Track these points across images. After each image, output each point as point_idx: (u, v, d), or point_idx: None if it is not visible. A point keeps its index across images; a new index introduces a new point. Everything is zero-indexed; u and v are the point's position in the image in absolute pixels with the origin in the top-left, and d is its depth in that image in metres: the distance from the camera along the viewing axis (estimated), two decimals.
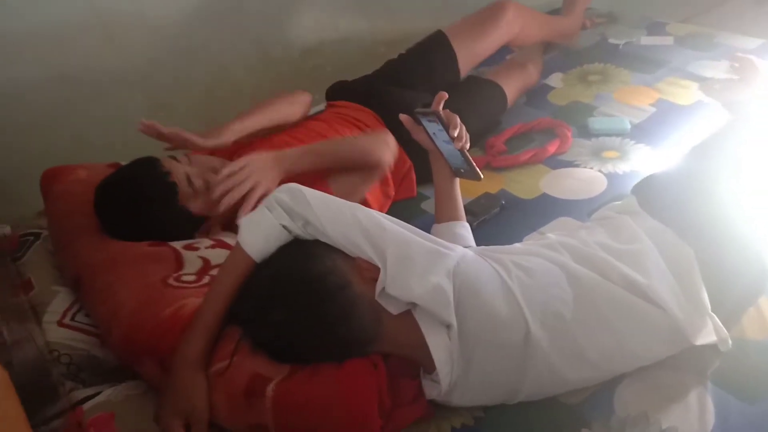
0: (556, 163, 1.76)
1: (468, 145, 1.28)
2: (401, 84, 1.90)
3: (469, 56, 2.00)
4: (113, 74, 1.97)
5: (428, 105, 1.28)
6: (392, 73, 1.96)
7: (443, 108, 1.26)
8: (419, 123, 1.31)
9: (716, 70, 2.04)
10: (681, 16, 2.94)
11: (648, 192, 1.23)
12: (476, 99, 1.94)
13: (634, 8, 2.55)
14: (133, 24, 1.94)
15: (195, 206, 1.40)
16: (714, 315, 1.10)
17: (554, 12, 2.46)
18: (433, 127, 1.28)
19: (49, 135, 1.92)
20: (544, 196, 1.66)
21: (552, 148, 1.79)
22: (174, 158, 1.43)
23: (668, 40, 2.27)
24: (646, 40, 2.29)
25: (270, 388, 0.99)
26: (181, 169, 1.41)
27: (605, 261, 1.10)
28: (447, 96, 1.28)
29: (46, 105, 1.90)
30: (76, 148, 1.94)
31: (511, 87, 2.03)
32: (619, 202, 1.28)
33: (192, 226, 1.42)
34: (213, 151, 1.58)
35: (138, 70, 2.01)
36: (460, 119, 1.28)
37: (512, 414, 1.10)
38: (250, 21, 2.16)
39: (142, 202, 1.36)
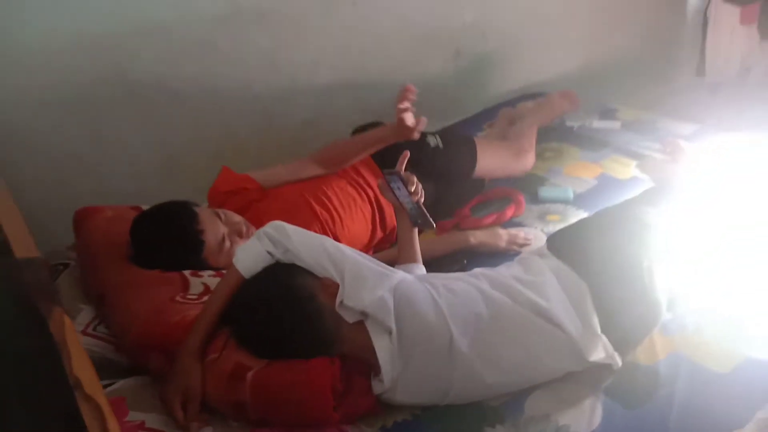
0: (507, 223, 2.05)
1: (423, 199, 1.58)
2: (419, 165, 1.97)
3: (481, 174, 2.23)
4: (132, 131, 2.23)
5: (394, 166, 1.59)
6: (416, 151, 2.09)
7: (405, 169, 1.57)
8: (387, 182, 1.61)
9: (653, 150, 2.33)
10: (640, 104, 3.27)
11: (556, 239, 1.55)
12: (460, 184, 2.20)
13: (596, 96, 2.83)
14: (153, 88, 2.18)
15: (216, 261, 1.65)
16: (603, 336, 1.38)
17: (527, 98, 2.77)
18: (396, 184, 1.57)
19: (75, 182, 2.17)
20: None
21: (510, 213, 2.08)
22: (218, 215, 1.66)
23: (616, 125, 2.56)
24: (597, 123, 2.59)
25: (250, 374, 1.27)
26: (221, 229, 1.64)
27: (515, 288, 1.39)
28: (409, 155, 1.58)
29: (73, 155, 2.14)
30: (99, 193, 2.14)
31: None
32: (536, 248, 1.59)
33: (207, 270, 1.65)
34: (242, 208, 1.81)
35: (154, 128, 2.26)
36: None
37: (443, 412, 1.36)
38: (259, 94, 2.42)
39: (170, 249, 1.60)
